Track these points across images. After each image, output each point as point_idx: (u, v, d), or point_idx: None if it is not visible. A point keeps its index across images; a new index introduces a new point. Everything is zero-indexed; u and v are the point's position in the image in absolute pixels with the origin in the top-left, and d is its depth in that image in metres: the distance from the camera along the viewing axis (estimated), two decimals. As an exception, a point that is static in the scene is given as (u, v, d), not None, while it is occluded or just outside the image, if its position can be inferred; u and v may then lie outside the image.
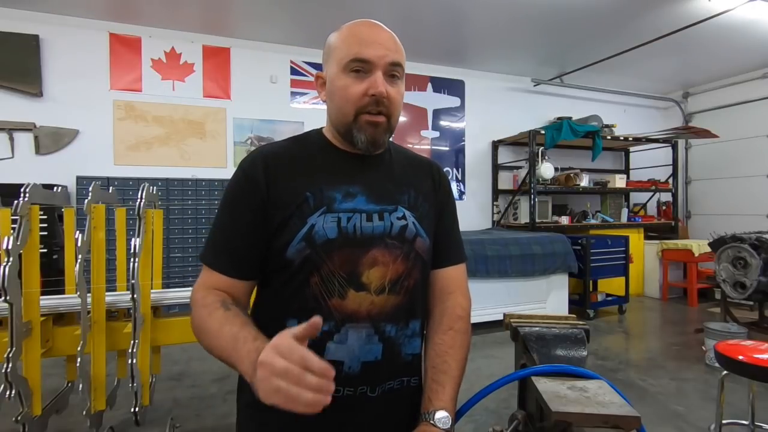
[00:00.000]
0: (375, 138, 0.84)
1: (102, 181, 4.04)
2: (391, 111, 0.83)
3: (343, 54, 0.82)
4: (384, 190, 0.89)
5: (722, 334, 3.10)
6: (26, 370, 1.78)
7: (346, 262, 0.81)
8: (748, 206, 6.06)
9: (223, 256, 0.83)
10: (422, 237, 0.88)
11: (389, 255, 0.84)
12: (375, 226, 0.84)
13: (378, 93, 0.80)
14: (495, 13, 4.28)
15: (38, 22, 4.18)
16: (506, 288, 4.31)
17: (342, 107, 0.83)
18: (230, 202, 0.85)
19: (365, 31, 0.83)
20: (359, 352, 0.82)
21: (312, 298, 0.81)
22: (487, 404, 2.47)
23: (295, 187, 0.84)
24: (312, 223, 0.81)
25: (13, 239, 1.66)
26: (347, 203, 0.84)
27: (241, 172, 0.86)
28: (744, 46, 5.14)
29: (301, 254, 0.81)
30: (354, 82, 0.81)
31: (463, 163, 6.04)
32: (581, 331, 0.90)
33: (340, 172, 0.87)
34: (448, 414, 0.79)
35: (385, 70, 0.81)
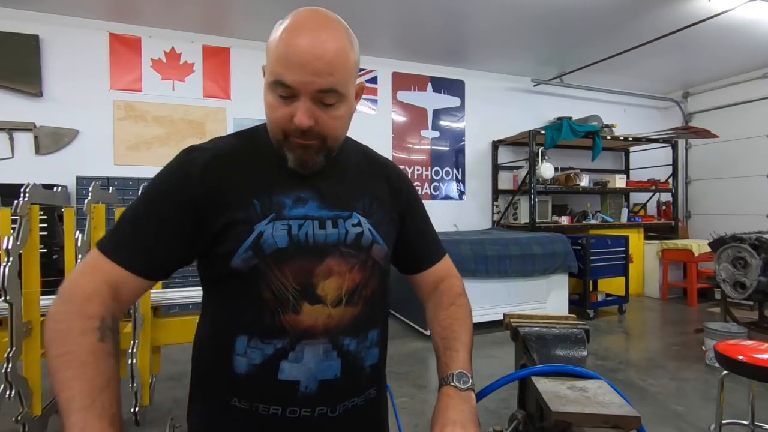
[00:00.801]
0: (305, 160, 0.76)
1: (102, 181, 4.04)
2: (325, 136, 0.75)
3: (269, 69, 0.72)
4: (338, 195, 0.82)
5: (722, 334, 3.10)
6: (26, 370, 1.79)
7: (298, 273, 0.75)
8: (748, 206, 6.06)
9: (129, 249, 0.73)
10: (379, 244, 0.83)
11: (345, 264, 0.78)
12: (329, 234, 0.78)
13: (299, 125, 0.71)
14: (495, 13, 4.28)
15: (38, 22, 4.18)
16: (506, 288, 4.31)
17: (270, 125, 0.77)
18: (155, 196, 0.77)
19: (297, 43, 0.69)
20: (316, 370, 0.76)
21: (265, 313, 0.74)
22: (487, 404, 2.47)
23: (240, 190, 0.77)
24: (260, 230, 0.75)
25: (13, 239, 1.66)
26: (298, 209, 0.78)
27: (176, 166, 0.78)
28: (744, 46, 5.14)
29: (248, 264, 0.74)
30: (279, 104, 0.72)
31: (463, 163, 6.04)
32: (581, 331, 0.90)
33: (292, 177, 0.79)
34: (467, 373, 0.79)
35: (312, 97, 0.71)
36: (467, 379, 0.78)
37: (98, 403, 0.60)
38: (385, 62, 5.50)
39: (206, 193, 0.75)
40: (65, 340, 0.64)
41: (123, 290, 0.72)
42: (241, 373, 0.75)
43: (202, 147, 0.81)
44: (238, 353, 0.75)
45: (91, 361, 0.63)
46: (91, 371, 0.62)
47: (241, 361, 0.75)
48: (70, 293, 0.69)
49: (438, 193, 5.89)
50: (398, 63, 5.60)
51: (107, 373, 0.64)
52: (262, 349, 0.75)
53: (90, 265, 0.72)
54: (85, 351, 0.63)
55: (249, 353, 0.75)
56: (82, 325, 0.65)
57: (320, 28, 0.71)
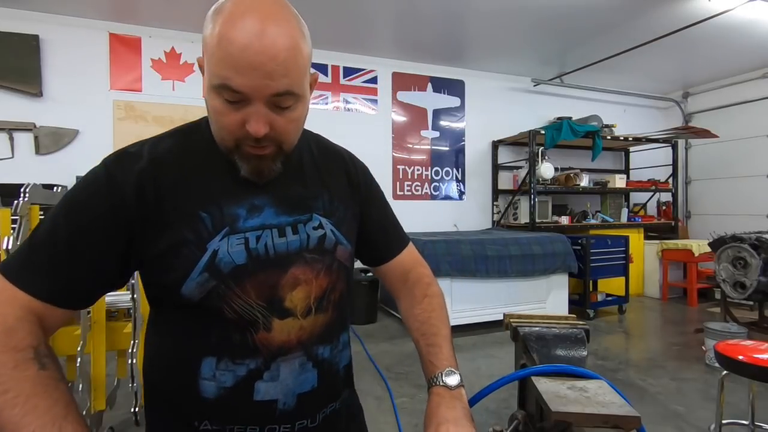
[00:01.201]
0: (260, 170, 0.69)
1: (102, 181, 4.03)
2: (281, 139, 0.67)
3: (211, 70, 0.62)
4: (294, 197, 0.76)
5: (722, 334, 3.10)
6: (26, 370, 1.78)
7: (262, 288, 0.69)
8: (748, 206, 6.06)
9: (42, 275, 0.62)
10: (343, 244, 0.79)
11: (311, 271, 0.73)
12: (290, 241, 0.72)
13: (254, 133, 0.63)
14: (495, 13, 4.28)
15: (38, 22, 4.18)
16: (506, 288, 4.31)
17: (217, 132, 0.68)
18: (77, 215, 0.65)
19: (240, 42, 0.58)
20: (294, 385, 0.72)
21: (234, 333, 0.68)
22: (487, 404, 2.47)
23: (184, 203, 0.68)
24: (213, 248, 0.67)
25: (13, 239, 1.66)
26: (253, 219, 0.71)
27: (103, 174, 0.67)
28: (744, 46, 5.14)
29: (204, 288, 0.66)
30: (228, 110, 0.63)
31: (463, 163, 6.04)
32: (581, 331, 0.90)
33: (241, 182, 0.71)
34: (455, 369, 0.78)
35: (266, 101, 0.63)
36: (455, 375, 0.77)
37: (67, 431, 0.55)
38: (385, 62, 5.50)
39: (143, 212, 0.66)
40: (3, 378, 0.55)
41: (46, 320, 0.63)
42: (210, 397, 0.69)
43: (134, 152, 0.70)
44: (204, 377, 0.69)
45: (40, 392, 0.55)
46: (44, 402, 0.55)
47: (209, 385, 0.69)
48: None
49: (438, 193, 5.89)
50: (398, 63, 5.60)
51: (63, 398, 0.57)
52: (233, 370, 0.69)
53: (3, 296, 0.61)
54: (29, 384, 0.56)
55: (218, 376, 0.69)
56: (14, 358, 0.56)
57: (268, 20, 0.60)
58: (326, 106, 5.27)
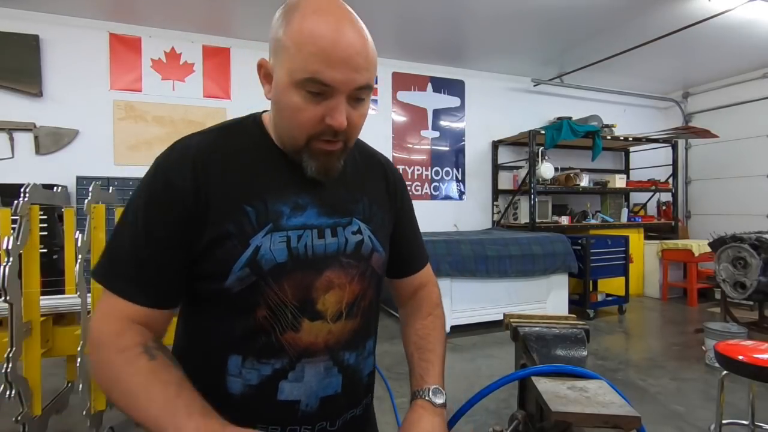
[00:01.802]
0: (328, 167, 0.71)
1: (102, 181, 4.03)
2: (350, 137, 0.70)
3: (298, 65, 0.63)
4: (337, 199, 0.76)
5: (722, 334, 3.10)
6: (26, 370, 1.79)
7: (298, 288, 0.69)
8: (748, 206, 6.06)
9: (132, 279, 0.65)
10: (378, 252, 0.79)
11: (345, 276, 0.73)
12: (328, 243, 0.72)
13: (338, 127, 0.65)
14: (495, 13, 4.28)
15: (38, 22, 4.18)
16: (506, 288, 4.31)
17: (290, 129, 0.68)
18: (144, 213, 0.67)
19: (330, 37, 0.62)
20: (317, 388, 0.73)
21: (260, 332, 0.69)
22: (487, 404, 2.47)
23: (231, 198, 0.68)
24: (256, 244, 0.67)
25: (13, 239, 1.66)
26: (296, 218, 0.71)
27: (162, 176, 0.68)
28: (744, 46, 5.14)
29: (244, 282, 0.67)
30: (308, 105, 0.65)
31: (463, 163, 6.04)
32: (581, 331, 0.90)
33: (288, 179, 0.72)
34: (441, 389, 0.79)
35: (349, 95, 0.65)
36: (441, 395, 0.78)
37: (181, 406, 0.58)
38: (385, 62, 5.50)
39: (197, 204, 0.67)
40: (118, 379, 0.61)
41: (153, 323, 0.67)
42: (235, 393, 0.70)
43: (188, 147, 0.71)
44: (231, 374, 0.70)
45: (153, 380, 0.60)
46: (158, 388, 0.59)
47: (235, 381, 0.70)
48: (98, 340, 0.64)
49: (438, 193, 5.89)
50: (398, 63, 5.60)
51: (173, 380, 0.61)
52: (258, 369, 0.70)
53: (106, 309, 0.65)
54: (142, 376, 0.60)
55: (244, 374, 0.70)
56: (124, 357, 0.61)
57: (347, 19, 0.65)
58: (326, 106, 5.26)
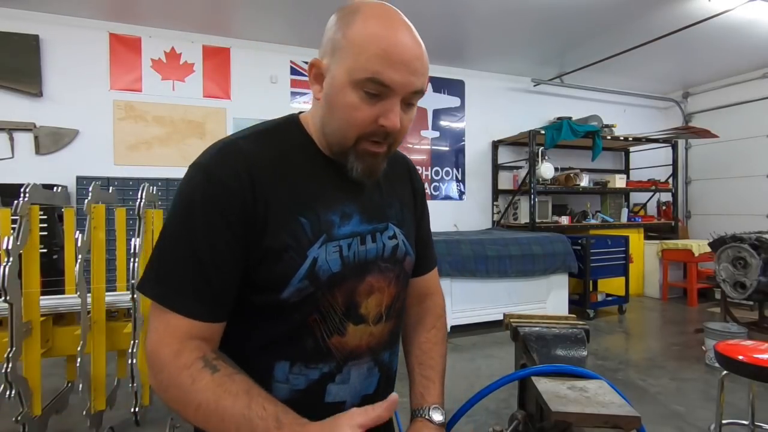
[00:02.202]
0: (373, 168, 0.71)
1: (102, 181, 4.04)
2: (396, 141, 0.71)
3: (358, 65, 0.63)
4: (375, 204, 0.77)
5: (722, 334, 3.10)
6: (26, 370, 1.79)
7: (345, 294, 0.71)
8: (748, 206, 6.06)
9: (193, 294, 0.63)
10: (410, 255, 0.82)
11: (384, 280, 0.75)
12: (368, 249, 0.74)
13: (392, 128, 0.66)
14: (495, 13, 4.28)
15: (38, 22, 4.18)
16: (506, 288, 4.31)
17: (342, 128, 0.68)
18: (203, 220, 0.63)
19: (391, 41, 0.63)
20: (360, 388, 0.75)
21: (310, 338, 0.70)
22: (487, 404, 2.47)
23: (286, 208, 0.67)
24: (314, 256, 0.67)
25: (13, 239, 1.66)
26: (345, 227, 0.72)
27: (218, 181, 0.64)
28: (744, 46, 5.14)
29: (301, 293, 0.67)
30: (363, 105, 0.65)
31: (463, 163, 6.04)
32: (581, 331, 0.90)
33: (333, 187, 0.73)
34: (441, 408, 0.80)
35: (405, 98, 0.66)
36: (440, 413, 0.79)
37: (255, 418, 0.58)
38: (385, 62, 5.50)
39: (255, 208, 0.65)
40: (187, 400, 0.60)
41: (209, 337, 0.66)
42: (281, 398, 0.68)
43: (239, 151, 0.68)
44: (277, 380, 0.70)
45: (221, 394, 0.59)
46: (228, 401, 0.58)
47: (282, 387, 0.70)
48: (159, 364, 0.62)
49: (438, 193, 5.89)
50: (398, 63, 5.59)
51: (241, 388, 0.60)
52: (306, 374, 0.71)
53: (163, 329, 0.63)
54: (209, 392, 0.59)
55: (291, 379, 0.70)
56: (189, 375, 0.60)
57: (406, 26, 0.66)
58: (326, 106, 5.26)
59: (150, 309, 0.65)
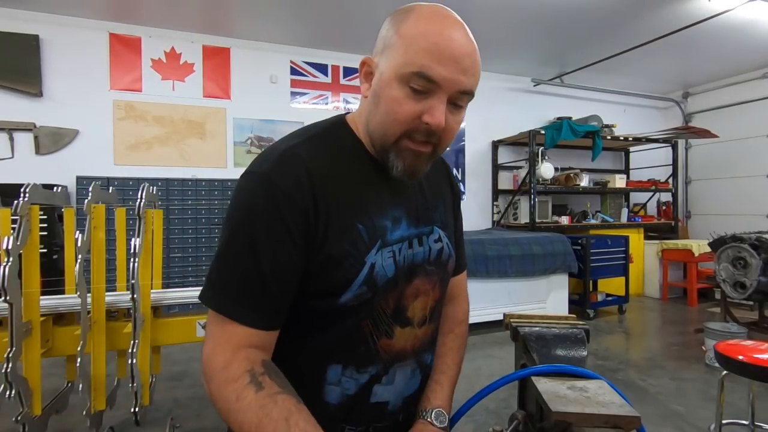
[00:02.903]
0: (414, 169, 0.69)
1: (102, 181, 4.04)
2: (441, 141, 0.68)
3: (407, 59, 0.63)
4: (420, 208, 0.77)
5: (722, 334, 3.10)
6: (26, 370, 1.78)
7: (395, 298, 0.71)
8: (748, 206, 6.06)
9: (250, 302, 0.63)
10: (452, 258, 0.82)
11: (429, 283, 0.76)
12: (416, 252, 0.74)
13: (435, 125, 0.64)
14: (495, 13, 4.28)
15: (38, 22, 4.18)
16: (506, 288, 4.31)
17: (385, 122, 0.66)
18: (265, 230, 0.62)
19: (443, 37, 0.62)
20: (404, 389, 0.76)
21: (361, 341, 0.70)
22: (487, 404, 2.47)
23: (345, 216, 0.67)
24: (372, 262, 0.67)
25: (13, 239, 1.65)
26: (396, 232, 0.72)
27: (280, 192, 0.63)
28: (744, 46, 5.14)
29: (359, 299, 0.67)
30: (408, 100, 0.64)
31: (463, 163, 6.04)
32: (581, 331, 0.90)
33: (384, 192, 0.72)
34: (445, 413, 0.80)
35: (451, 96, 0.65)
36: (444, 418, 0.78)
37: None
38: (385, 62, 5.50)
39: (317, 216, 0.64)
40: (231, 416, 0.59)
41: (265, 345, 0.65)
42: (332, 402, 0.71)
43: (293, 155, 0.66)
44: (330, 383, 0.71)
45: (261, 418, 0.57)
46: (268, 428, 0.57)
47: (333, 390, 0.71)
48: (209, 373, 0.62)
49: (438, 193, 5.88)
50: (398, 63, 5.59)
51: (282, 414, 0.58)
52: (357, 379, 0.71)
53: (220, 338, 0.63)
54: (252, 412, 0.58)
55: (343, 382, 0.71)
56: (234, 390, 0.59)
57: (459, 24, 0.65)
58: (326, 106, 5.26)
59: (208, 317, 0.65)
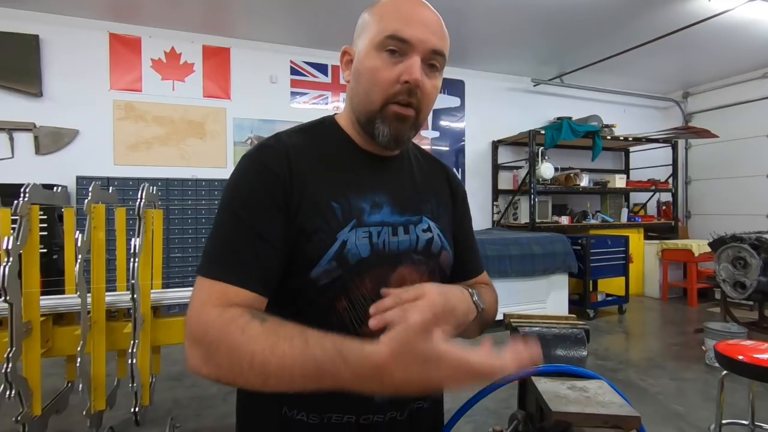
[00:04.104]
0: (399, 134, 0.73)
1: (102, 181, 4.04)
2: (422, 105, 0.72)
3: (379, 29, 0.70)
4: (408, 198, 0.80)
5: (722, 334, 3.10)
6: (26, 370, 1.78)
7: (376, 283, 0.72)
8: (748, 206, 6.06)
9: (242, 266, 0.65)
10: (447, 250, 0.83)
11: (416, 272, 0.76)
12: (401, 240, 0.76)
13: (413, 80, 0.68)
14: (495, 12, 4.28)
15: (38, 22, 4.18)
16: (506, 288, 4.30)
17: (368, 91, 0.71)
18: (248, 200, 0.68)
19: (411, 6, 0.71)
20: None
21: (339, 326, 0.69)
22: (487, 404, 2.47)
23: (319, 193, 0.71)
24: (343, 239, 0.70)
25: (13, 239, 1.65)
26: (375, 215, 0.74)
27: (261, 165, 0.70)
28: (744, 46, 5.14)
29: (330, 275, 0.69)
30: (386, 65, 0.69)
31: (463, 163, 6.04)
32: (581, 331, 0.90)
33: (365, 177, 0.77)
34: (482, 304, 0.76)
35: (424, 56, 0.70)
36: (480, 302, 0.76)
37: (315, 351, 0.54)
38: (385, 62, 5.50)
39: (292, 188, 0.69)
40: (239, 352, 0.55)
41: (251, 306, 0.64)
42: None
43: (274, 144, 0.73)
44: None
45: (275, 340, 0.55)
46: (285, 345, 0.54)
47: None
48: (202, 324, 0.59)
49: (438, 193, 5.88)
50: (398, 63, 5.60)
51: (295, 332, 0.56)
52: None
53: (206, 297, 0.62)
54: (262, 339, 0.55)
55: None
56: (238, 326, 0.57)
57: (422, 3, 0.73)
58: (326, 106, 5.27)
59: (195, 285, 0.65)
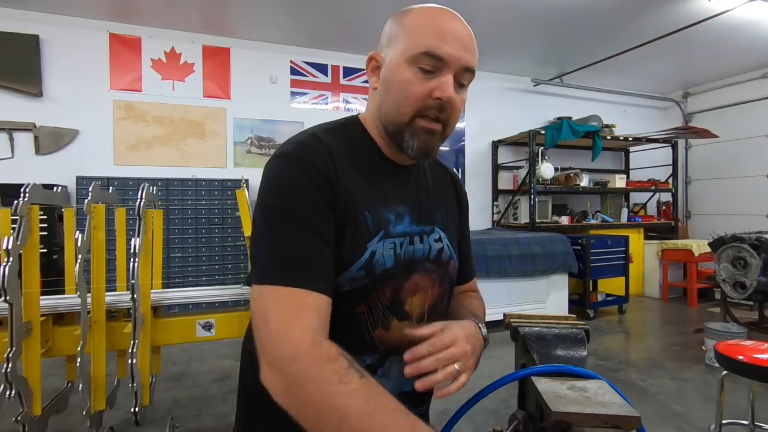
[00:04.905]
0: (429, 146, 0.73)
1: (102, 181, 4.04)
2: (450, 119, 0.72)
3: (413, 43, 0.69)
4: (423, 208, 0.81)
5: (722, 334, 3.10)
6: (26, 370, 1.78)
7: (392, 290, 0.74)
8: (748, 206, 6.06)
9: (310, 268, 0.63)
10: (454, 259, 0.85)
11: (428, 280, 0.79)
12: (416, 249, 0.78)
13: (446, 98, 0.69)
14: (495, 12, 4.28)
15: (38, 22, 4.18)
16: (506, 288, 4.31)
17: (399, 104, 0.71)
18: (301, 200, 0.65)
19: (445, 21, 0.70)
20: (399, 383, 0.76)
21: (355, 328, 0.72)
22: (487, 404, 2.47)
23: (357, 200, 0.70)
24: (373, 249, 0.71)
25: (13, 239, 1.65)
26: (399, 226, 0.76)
27: (307, 164, 0.67)
28: (744, 46, 5.14)
29: (355, 283, 0.70)
30: (419, 80, 0.69)
31: (463, 163, 6.04)
32: (581, 331, 0.90)
33: (390, 188, 0.77)
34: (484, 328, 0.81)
35: (457, 73, 0.70)
36: (485, 329, 0.81)
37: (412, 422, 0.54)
38: (385, 62, 5.50)
39: (336, 192, 0.68)
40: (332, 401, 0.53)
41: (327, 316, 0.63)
42: None
43: (316, 140, 0.71)
44: None
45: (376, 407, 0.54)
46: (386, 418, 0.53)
47: None
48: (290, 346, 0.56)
49: (438, 193, 5.88)
50: (398, 63, 5.59)
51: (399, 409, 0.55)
52: None
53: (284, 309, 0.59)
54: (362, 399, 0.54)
55: None
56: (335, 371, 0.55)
57: (456, 17, 0.72)
58: (326, 106, 5.26)
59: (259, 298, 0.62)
